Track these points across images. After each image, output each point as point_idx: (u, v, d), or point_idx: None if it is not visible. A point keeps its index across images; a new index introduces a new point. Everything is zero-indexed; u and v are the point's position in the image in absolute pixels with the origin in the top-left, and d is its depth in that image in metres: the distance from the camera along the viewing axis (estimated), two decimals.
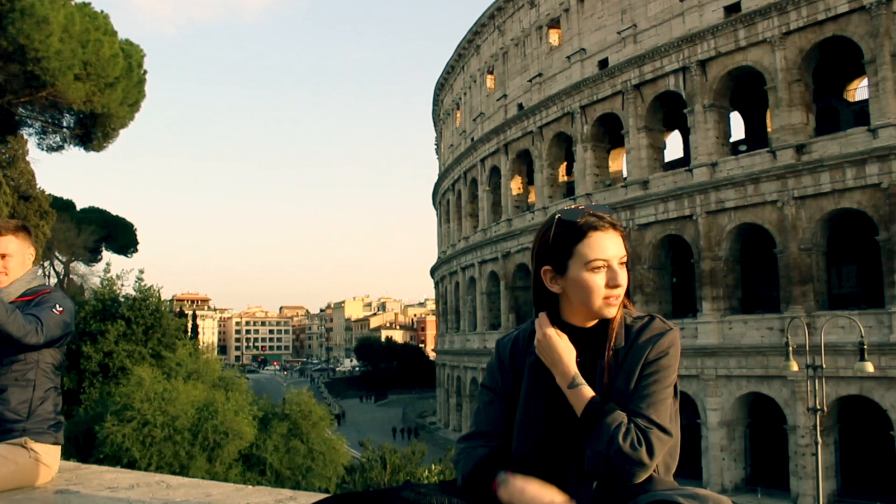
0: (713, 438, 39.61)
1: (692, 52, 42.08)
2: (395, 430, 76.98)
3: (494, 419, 2.74)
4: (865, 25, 35.92)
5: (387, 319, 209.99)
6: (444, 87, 77.94)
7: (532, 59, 55.91)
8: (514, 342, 2.82)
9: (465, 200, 67.90)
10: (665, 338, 2.60)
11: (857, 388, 34.95)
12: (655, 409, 2.50)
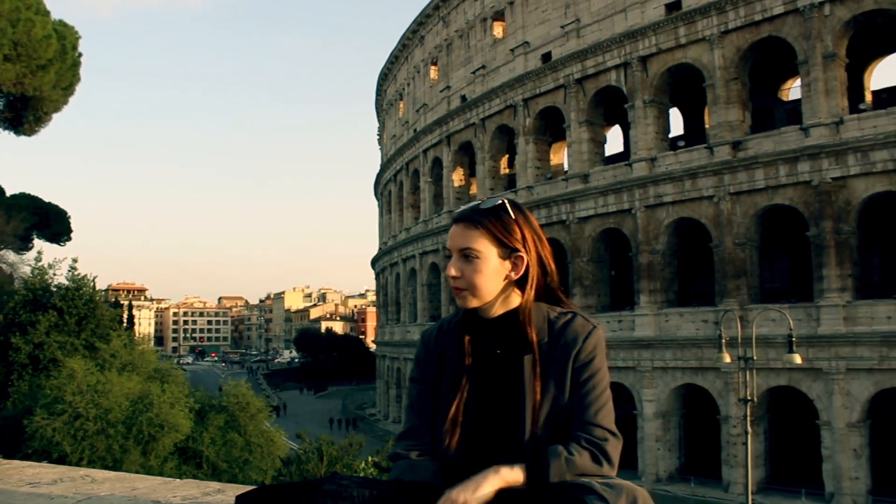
0: (649, 429, 40.34)
1: (634, 48, 42.64)
2: (332, 420, 76.80)
3: (426, 411, 2.74)
4: (799, 27, 36.86)
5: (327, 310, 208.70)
6: (388, 78, 77.61)
7: (476, 51, 56.00)
8: (438, 331, 2.84)
9: (407, 191, 67.81)
10: (592, 337, 2.64)
11: (786, 379, 35.97)
12: (604, 416, 2.58)
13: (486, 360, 2.66)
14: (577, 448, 2.50)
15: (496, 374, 2.64)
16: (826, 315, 34.89)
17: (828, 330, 34.66)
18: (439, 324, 2.88)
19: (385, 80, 79.14)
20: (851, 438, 34.33)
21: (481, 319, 2.68)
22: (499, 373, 2.64)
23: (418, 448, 2.68)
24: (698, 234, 40.29)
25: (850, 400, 34.38)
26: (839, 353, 34.35)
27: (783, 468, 38.27)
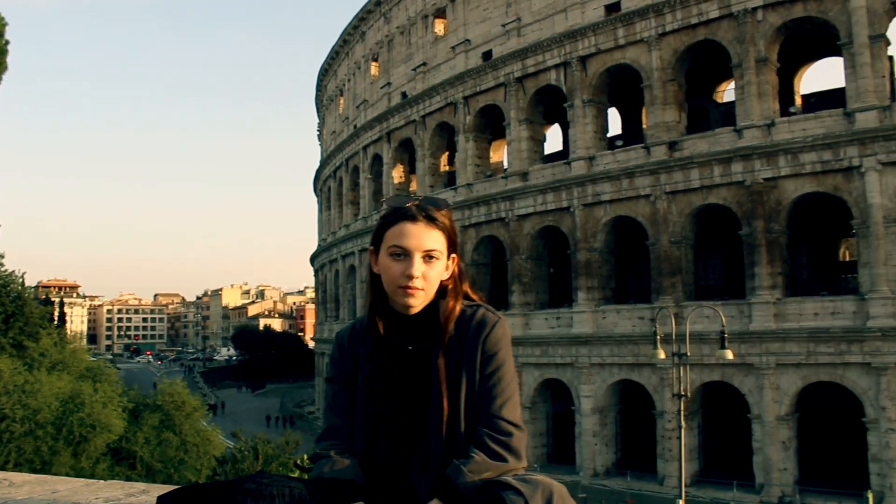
0: (586, 424, 40.87)
1: (573, 48, 43.10)
2: (269, 417, 76.08)
3: (344, 410, 2.76)
4: (734, 31, 37.73)
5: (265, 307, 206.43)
6: (329, 73, 77.00)
7: (417, 47, 55.92)
8: (351, 330, 2.85)
9: (347, 188, 67.38)
10: (496, 329, 2.68)
11: (719, 374, 36.84)
12: (509, 409, 2.62)
13: (399, 356, 2.69)
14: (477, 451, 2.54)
15: (410, 370, 2.67)
16: (757, 312, 35.82)
17: (759, 326, 35.59)
18: (352, 323, 2.89)
19: (325, 76, 78.51)
20: (780, 431, 35.33)
21: (397, 316, 2.69)
22: (412, 369, 2.67)
23: (338, 447, 2.69)
24: (635, 233, 40.95)
25: (779, 394, 35.37)
26: (769, 349, 35.31)
27: (716, 461, 39.18)
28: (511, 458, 2.56)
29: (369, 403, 2.68)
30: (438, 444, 2.59)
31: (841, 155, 34.49)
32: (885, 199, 33.53)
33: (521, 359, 43.54)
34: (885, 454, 32.92)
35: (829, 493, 34.47)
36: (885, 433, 32.90)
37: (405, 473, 2.62)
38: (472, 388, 2.63)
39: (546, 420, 44.54)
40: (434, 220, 2.62)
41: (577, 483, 40.17)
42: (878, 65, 35.08)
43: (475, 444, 2.56)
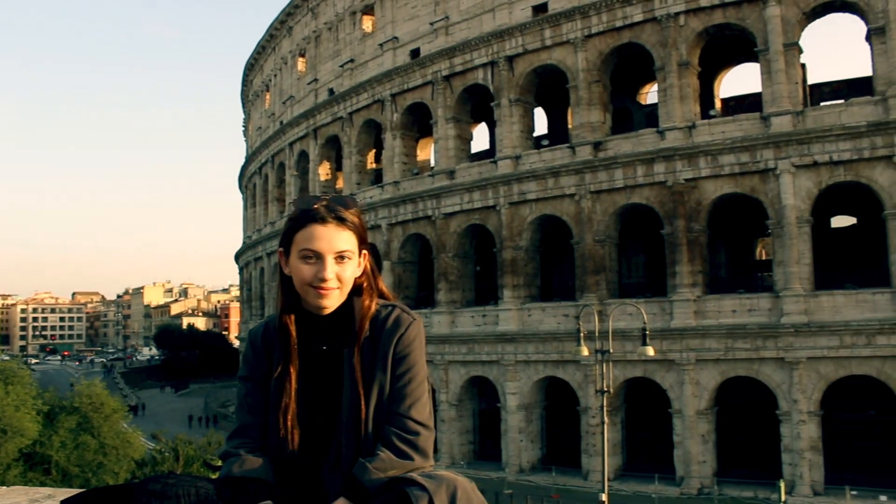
0: (512, 421, 41.24)
1: (501, 48, 43.41)
2: (191, 418, 74.64)
3: (256, 409, 2.75)
4: (657, 35, 38.58)
5: (189, 306, 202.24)
6: (255, 68, 75.77)
7: (345, 44, 55.50)
8: (265, 329, 2.83)
9: (272, 185, 66.43)
10: (410, 330, 2.69)
11: (641, 370, 37.64)
12: (418, 409, 2.63)
13: (313, 356, 2.68)
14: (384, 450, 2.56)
15: (323, 369, 2.66)
16: (678, 309, 36.73)
17: (680, 323, 36.50)
18: (266, 321, 2.87)
19: (251, 70, 77.24)
20: (700, 425, 36.33)
21: (310, 316, 2.68)
22: (326, 368, 2.67)
23: (249, 445, 2.68)
24: (560, 231, 41.50)
25: (699, 389, 36.36)
26: (690, 345, 36.26)
27: (639, 455, 40.05)
28: (417, 456, 2.58)
29: (282, 402, 2.66)
30: (349, 443, 2.60)
31: (758, 157, 35.64)
32: (798, 201, 34.77)
33: (448, 356, 43.71)
34: (796, 445, 34.21)
35: (745, 483, 35.75)
36: (797, 425, 34.19)
37: (316, 472, 2.62)
38: (383, 388, 2.64)
39: (472, 417, 44.82)
40: (344, 220, 2.61)
41: (504, 479, 40.54)
42: (791, 71, 36.37)
43: (382, 443, 2.58)
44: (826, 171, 34.89)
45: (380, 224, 48.39)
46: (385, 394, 2.63)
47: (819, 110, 36.65)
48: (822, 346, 34.16)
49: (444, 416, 43.90)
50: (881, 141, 33.91)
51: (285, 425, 2.64)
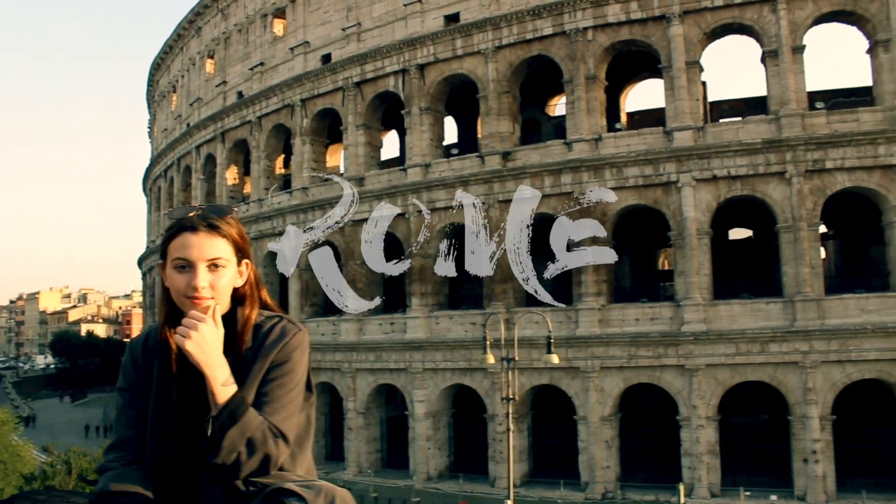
0: (420, 429, 41.22)
1: (412, 56, 43.49)
2: (87, 428, 71.98)
3: (134, 422, 2.69)
4: (566, 48, 39.35)
5: (88, 312, 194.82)
6: (161, 68, 73.72)
7: (255, 46, 54.60)
8: (145, 340, 2.78)
9: (178, 188, 64.71)
10: (293, 340, 2.66)
11: (548, 377, 38.20)
12: (281, 416, 2.58)
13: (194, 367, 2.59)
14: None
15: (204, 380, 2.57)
16: (584, 318, 37.45)
17: (585, 331, 37.22)
18: (146, 332, 2.81)
19: (158, 70, 75.11)
20: (604, 431, 37.09)
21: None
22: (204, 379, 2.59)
23: (126, 458, 2.62)
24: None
25: (603, 396, 37.12)
26: (595, 353, 37.00)
27: (545, 461, 40.58)
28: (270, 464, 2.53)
29: (161, 415, 2.60)
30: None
31: (661, 170, 36.71)
32: (698, 213, 35.97)
33: (356, 364, 43.42)
34: (695, 449, 35.31)
35: (647, 487, 36.67)
36: (696, 429, 35.30)
37: (195, 486, 2.56)
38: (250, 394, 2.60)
39: (380, 425, 44.60)
40: (216, 228, 2.58)
41: (411, 487, 40.47)
42: (693, 88, 37.66)
43: None
44: (724, 185, 36.22)
45: (288, 230, 47.74)
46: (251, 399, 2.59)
47: (718, 127, 38.07)
48: (720, 353, 35.41)
49: (352, 424, 43.55)
50: (775, 158, 35.45)
51: (164, 438, 2.58)
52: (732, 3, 37.17)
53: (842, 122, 35.82)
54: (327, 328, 45.76)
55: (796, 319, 34.75)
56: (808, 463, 34.20)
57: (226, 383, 2.51)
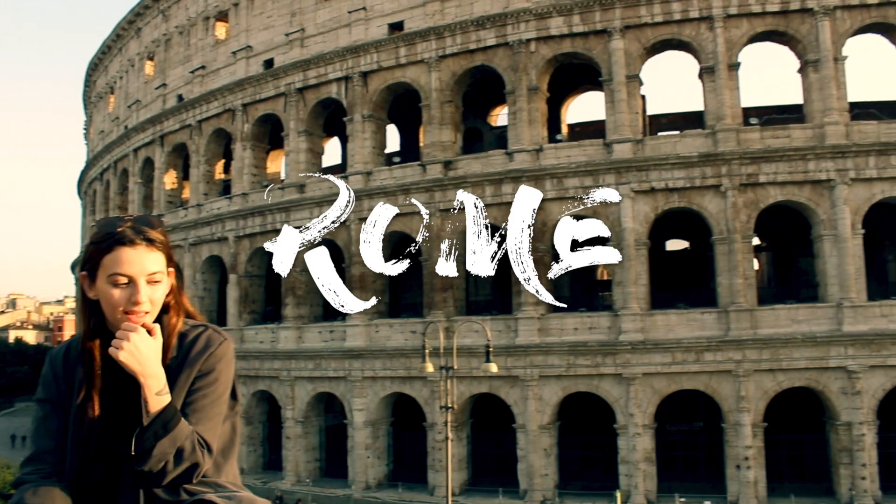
0: (359, 437, 40.95)
1: (356, 63, 43.34)
2: (14, 437, 69.85)
3: (53, 433, 2.65)
4: (509, 60, 39.68)
5: (17, 318, 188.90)
6: (98, 68, 72.02)
7: (196, 49, 53.80)
8: (66, 351, 2.75)
9: (115, 192, 63.19)
10: (219, 349, 2.67)
11: (487, 386, 38.32)
12: (203, 425, 2.59)
13: (116, 377, 2.57)
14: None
15: (126, 389, 2.56)
16: (523, 327, 37.68)
17: (524, 340, 37.45)
18: (68, 344, 2.78)
19: (95, 71, 73.35)
20: (542, 439, 37.35)
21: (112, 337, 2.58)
22: (128, 388, 2.56)
23: (45, 472, 2.56)
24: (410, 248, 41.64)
25: (542, 404, 37.39)
26: (534, 362, 37.26)
27: (485, 469, 40.66)
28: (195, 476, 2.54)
29: (83, 426, 2.56)
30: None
31: (600, 182, 37.20)
32: (636, 224, 36.56)
33: (294, 372, 42.98)
34: (632, 456, 35.80)
35: (585, 494, 37.07)
36: (633, 437, 35.80)
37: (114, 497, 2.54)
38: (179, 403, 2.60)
39: (319, 434, 44.18)
40: (153, 241, 2.55)
41: (350, 496, 40.19)
42: (633, 102, 38.34)
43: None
44: (662, 198, 36.90)
45: (227, 236, 47.09)
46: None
47: (657, 140, 38.82)
48: (657, 362, 36.00)
49: (290, 433, 43.05)
50: (710, 171, 36.27)
51: (85, 450, 2.54)
52: (671, 20, 37.99)
53: (774, 138, 36.87)
54: (266, 336, 45.22)
55: (730, 329, 35.54)
56: (740, 469, 34.97)
57: (160, 392, 2.51)
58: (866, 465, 34.31)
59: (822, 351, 34.95)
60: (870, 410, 34.58)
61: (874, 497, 34.18)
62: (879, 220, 37.86)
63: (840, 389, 34.88)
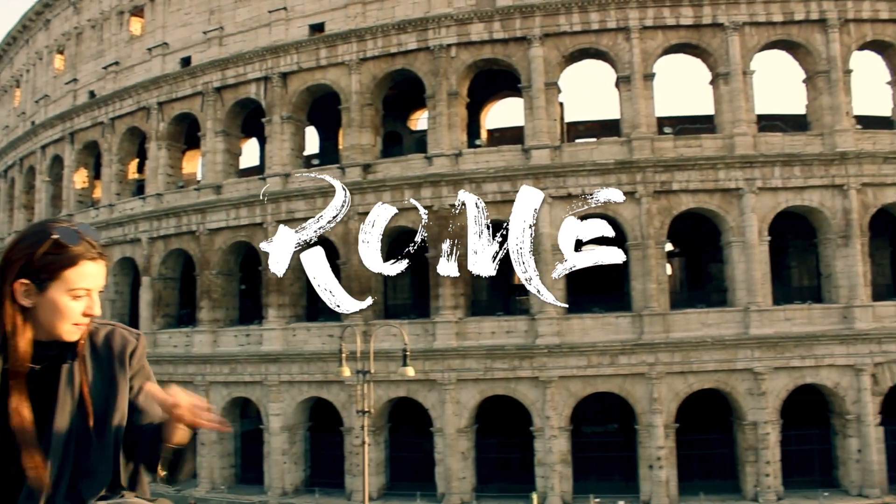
0: (275, 443, 40.36)
1: (275, 64, 42.78)
2: None
3: None
4: (429, 64, 39.78)
5: None
6: (3, 60, 69.03)
7: (110, 44, 52.15)
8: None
9: (20, 190, 60.63)
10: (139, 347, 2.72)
11: (405, 390, 38.28)
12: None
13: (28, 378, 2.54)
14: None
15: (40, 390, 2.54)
16: (441, 330, 37.78)
17: (442, 344, 37.55)
18: None
19: None
20: (460, 442, 37.51)
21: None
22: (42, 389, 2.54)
23: None
24: (329, 251, 41.27)
25: (459, 408, 37.55)
26: (451, 366, 37.39)
27: (402, 474, 40.57)
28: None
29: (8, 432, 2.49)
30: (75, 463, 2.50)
31: (518, 187, 37.47)
32: (552, 229, 37.04)
33: (209, 377, 42.11)
34: (548, 458, 36.29)
35: (503, 497, 37.35)
36: (549, 440, 36.29)
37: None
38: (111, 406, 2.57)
39: (234, 440, 43.37)
40: (104, 254, 2.59)
41: (266, 503, 39.59)
42: (551, 109, 38.92)
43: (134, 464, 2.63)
44: (580, 203, 37.47)
45: (140, 238, 45.79)
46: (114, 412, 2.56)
47: (574, 147, 39.49)
48: (573, 365, 36.57)
49: (205, 439, 42.06)
50: (626, 178, 37.10)
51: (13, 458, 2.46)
52: (590, 29, 38.71)
53: (687, 147, 37.95)
54: (180, 340, 44.17)
55: (644, 333, 36.39)
56: (653, 469, 35.82)
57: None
58: (770, 462, 35.64)
59: (731, 353, 36.13)
60: (774, 410, 35.92)
61: (777, 492, 35.54)
62: (784, 228, 39.35)
63: (747, 390, 36.11)
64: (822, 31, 38.33)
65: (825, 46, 38.31)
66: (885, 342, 36.31)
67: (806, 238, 40.19)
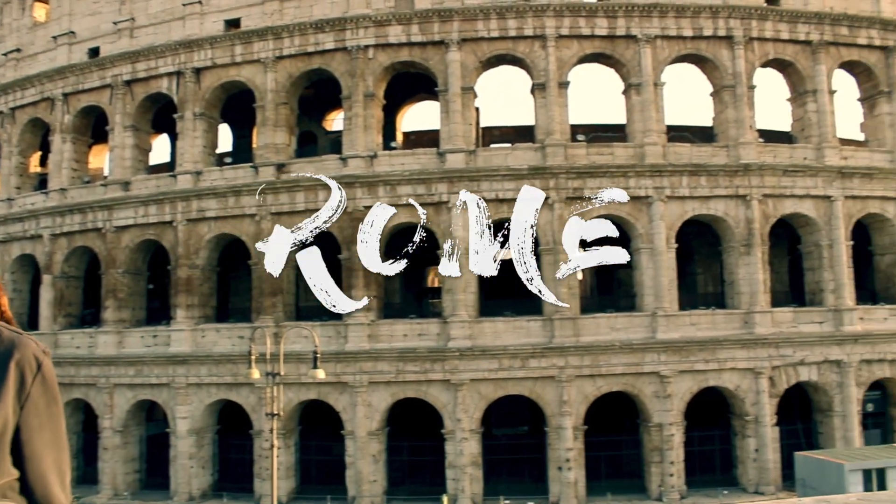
0: (182, 447, 39.38)
1: (189, 59, 41.80)
2: None
3: None
4: (346, 65, 39.53)
5: None
6: None
7: (11, 30, 49.93)
8: None
9: None
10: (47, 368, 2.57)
11: (316, 392, 37.93)
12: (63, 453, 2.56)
13: None
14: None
15: None
16: (353, 333, 37.56)
17: (354, 346, 37.34)
18: None
19: None
20: (371, 445, 37.35)
21: None
22: None
23: None
24: (239, 252, 40.64)
25: (371, 410, 37.39)
26: (363, 368, 37.21)
27: (313, 477, 40.22)
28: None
29: None
30: None
31: (433, 190, 37.74)
32: (466, 232, 37.30)
33: (113, 379, 40.80)
34: (459, 461, 36.47)
35: (413, 499, 37.39)
36: (460, 442, 36.47)
37: None
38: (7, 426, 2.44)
39: (139, 444, 42.14)
40: None
41: None
42: (467, 113, 39.16)
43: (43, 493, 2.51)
44: (493, 208, 37.81)
45: (41, 234, 44.01)
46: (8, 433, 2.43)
47: (489, 151, 39.79)
48: (484, 368, 36.85)
49: (108, 443, 40.79)
50: (539, 184, 37.59)
51: None
52: (507, 36, 39.14)
53: (599, 155, 38.74)
54: (83, 341, 42.64)
55: (554, 336, 36.95)
56: (562, 470, 36.41)
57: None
58: (674, 462, 36.70)
59: (638, 357, 37.04)
60: (678, 412, 37.00)
61: (680, 491, 36.63)
62: (691, 236, 40.61)
63: (653, 393, 37.08)
64: (728, 47, 39.74)
65: (731, 62, 39.73)
66: (782, 346, 37.90)
67: (711, 246, 41.54)
